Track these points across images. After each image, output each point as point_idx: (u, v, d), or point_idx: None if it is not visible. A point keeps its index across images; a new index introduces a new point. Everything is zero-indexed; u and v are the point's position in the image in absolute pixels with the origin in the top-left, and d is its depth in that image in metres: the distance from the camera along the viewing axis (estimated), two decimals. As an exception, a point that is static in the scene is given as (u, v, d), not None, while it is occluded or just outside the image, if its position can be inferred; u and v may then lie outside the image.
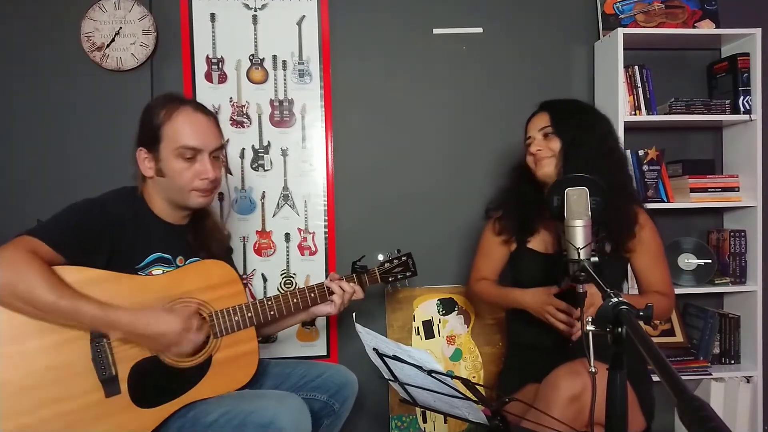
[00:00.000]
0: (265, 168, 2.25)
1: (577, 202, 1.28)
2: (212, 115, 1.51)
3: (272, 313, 1.53)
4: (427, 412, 2.23)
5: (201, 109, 1.49)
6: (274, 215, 2.26)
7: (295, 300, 1.57)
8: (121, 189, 1.50)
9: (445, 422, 2.24)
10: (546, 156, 1.61)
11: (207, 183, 1.46)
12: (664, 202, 2.21)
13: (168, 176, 1.43)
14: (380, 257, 1.74)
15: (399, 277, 1.73)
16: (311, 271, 2.27)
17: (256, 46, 2.24)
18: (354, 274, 1.68)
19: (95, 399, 1.31)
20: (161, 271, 1.44)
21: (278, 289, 2.27)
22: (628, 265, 1.69)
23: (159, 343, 1.33)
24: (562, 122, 1.62)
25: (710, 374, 2.19)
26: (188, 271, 1.46)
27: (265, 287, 2.26)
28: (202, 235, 1.55)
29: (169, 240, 1.48)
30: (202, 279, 1.46)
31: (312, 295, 1.60)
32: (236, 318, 1.46)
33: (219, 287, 1.47)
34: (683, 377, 0.67)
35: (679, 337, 2.29)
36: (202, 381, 1.41)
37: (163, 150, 1.43)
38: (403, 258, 1.74)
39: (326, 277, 2.22)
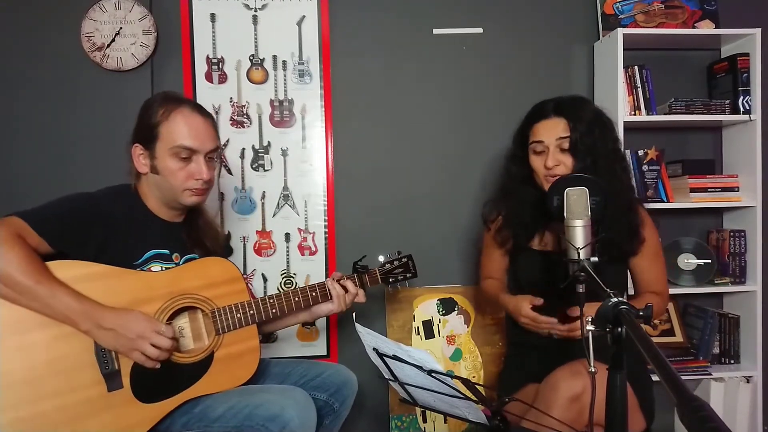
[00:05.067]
0: (265, 168, 2.25)
1: (577, 202, 1.28)
2: (210, 117, 1.52)
3: (274, 311, 1.53)
4: (427, 412, 2.23)
5: (199, 109, 1.49)
6: (274, 215, 2.26)
7: (296, 298, 1.58)
8: (117, 186, 1.51)
9: (445, 422, 2.24)
10: (560, 173, 1.53)
11: (200, 183, 1.47)
12: (663, 202, 2.21)
13: (162, 174, 1.45)
14: (381, 258, 1.74)
15: (399, 278, 1.73)
16: (311, 271, 2.27)
17: (256, 46, 2.24)
18: (355, 274, 1.68)
19: (97, 393, 1.31)
20: (159, 268, 1.45)
21: (278, 289, 2.27)
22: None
23: (118, 334, 1.29)
24: (583, 138, 1.52)
25: (710, 374, 2.19)
26: (191, 268, 1.47)
27: (265, 287, 2.26)
28: (196, 232, 1.56)
29: (165, 237, 1.49)
30: (205, 276, 1.47)
31: (314, 294, 1.61)
32: (238, 315, 1.47)
33: (222, 284, 1.48)
34: (683, 377, 0.67)
35: (678, 337, 2.29)
36: (204, 377, 1.42)
37: (159, 148, 1.44)
38: (404, 259, 1.74)
39: (326, 278, 2.25)
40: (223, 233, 1.71)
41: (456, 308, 2.30)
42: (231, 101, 2.23)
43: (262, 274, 2.26)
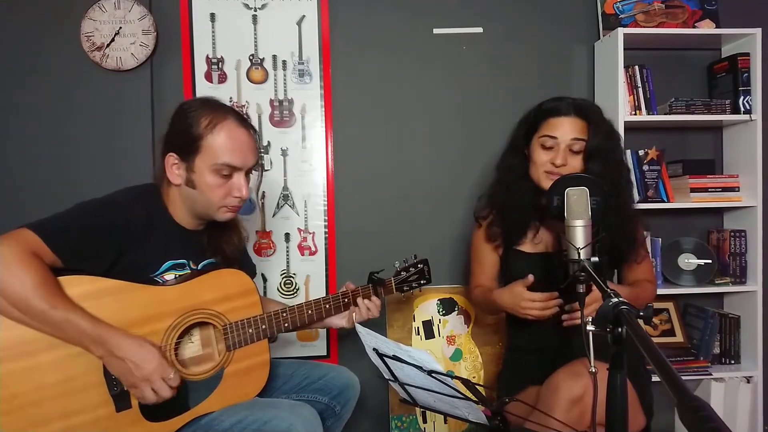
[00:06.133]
0: (265, 168, 2.25)
1: (578, 202, 1.28)
2: (253, 129, 1.43)
3: (287, 325, 1.50)
4: (427, 412, 2.23)
5: (243, 122, 1.40)
6: (273, 215, 2.26)
7: (310, 312, 1.54)
8: (140, 187, 1.44)
9: (445, 422, 2.24)
10: (564, 173, 1.50)
11: (238, 201, 1.41)
12: (664, 202, 2.21)
13: (199, 189, 1.37)
14: (396, 264, 1.69)
15: (414, 286, 1.69)
16: (311, 271, 2.27)
17: (256, 46, 2.24)
18: (370, 285, 1.64)
19: (105, 413, 1.29)
20: (173, 275, 1.40)
21: (278, 289, 2.27)
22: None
23: (127, 368, 1.24)
24: (599, 146, 1.51)
25: (710, 374, 2.19)
26: (203, 282, 1.42)
27: (265, 287, 2.26)
28: (216, 239, 1.52)
29: (185, 246, 1.44)
30: (217, 289, 1.42)
31: (327, 306, 1.57)
32: (250, 330, 1.44)
33: (234, 298, 1.44)
34: (683, 377, 0.67)
35: (679, 337, 2.29)
36: (212, 394, 1.39)
37: (199, 162, 1.35)
38: (420, 265, 1.69)
39: (326, 278, 2.25)
40: (245, 234, 1.64)
41: (456, 308, 2.30)
42: (231, 101, 2.23)
43: (262, 275, 2.26)
